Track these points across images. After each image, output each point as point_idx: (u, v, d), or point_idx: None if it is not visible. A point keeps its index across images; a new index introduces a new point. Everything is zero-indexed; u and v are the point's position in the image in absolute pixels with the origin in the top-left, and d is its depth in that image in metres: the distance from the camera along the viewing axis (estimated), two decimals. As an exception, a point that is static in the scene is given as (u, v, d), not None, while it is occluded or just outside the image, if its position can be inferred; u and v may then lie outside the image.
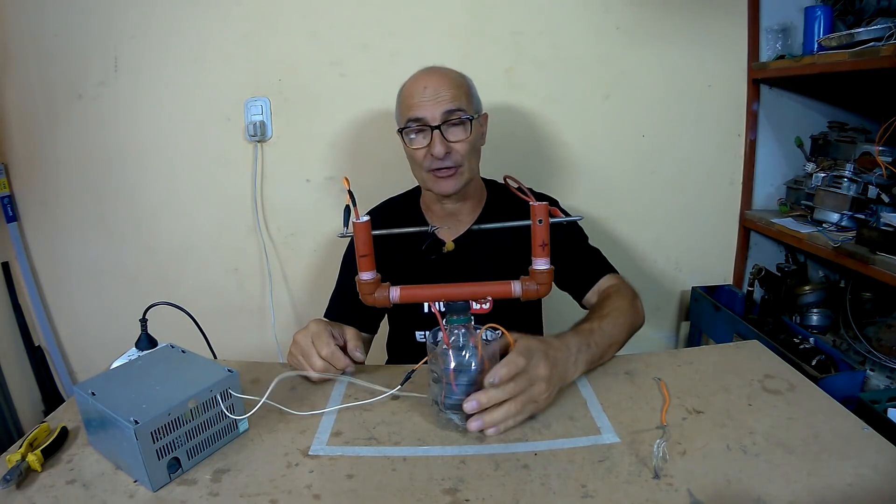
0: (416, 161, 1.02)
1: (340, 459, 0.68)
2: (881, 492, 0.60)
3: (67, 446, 0.71)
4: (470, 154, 1.01)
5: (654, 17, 1.50)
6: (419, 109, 0.99)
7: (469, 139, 1.00)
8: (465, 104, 1.01)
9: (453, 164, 1.00)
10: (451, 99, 0.99)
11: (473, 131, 1.01)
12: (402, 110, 1.03)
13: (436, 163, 0.99)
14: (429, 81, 1.00)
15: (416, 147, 1.01)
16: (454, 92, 1.00)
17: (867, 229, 1.21)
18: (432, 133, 0.98)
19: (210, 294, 1.67)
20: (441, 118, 0.98)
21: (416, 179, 1.10)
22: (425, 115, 0.98)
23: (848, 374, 1.16)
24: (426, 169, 1.01)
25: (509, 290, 0.76)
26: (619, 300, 0.96)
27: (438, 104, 0.98)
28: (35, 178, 1.63)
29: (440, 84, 1.00)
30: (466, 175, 1.02)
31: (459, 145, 0.99)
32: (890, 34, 1.11)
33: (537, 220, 0.74)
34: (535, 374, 0.73)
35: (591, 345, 0.83)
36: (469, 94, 1.04)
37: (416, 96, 1.00)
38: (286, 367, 0.89)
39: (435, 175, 1.01)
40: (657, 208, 1.63)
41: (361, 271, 0.78)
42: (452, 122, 0.99)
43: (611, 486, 0.62)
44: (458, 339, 0.72)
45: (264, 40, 1.52)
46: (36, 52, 1.54)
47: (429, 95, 0.99)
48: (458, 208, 1.10)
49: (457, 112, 0.99)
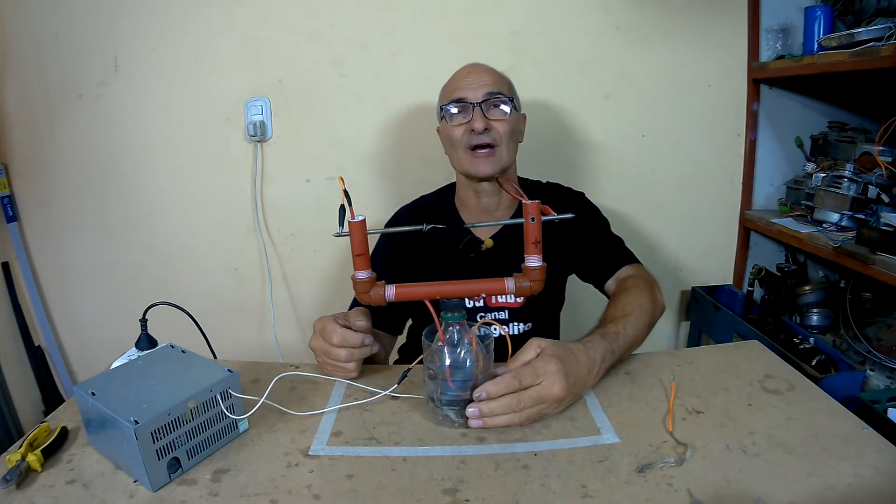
0: (455, 140, 1.01)
1: (340, 459, 0.68)
2: (881, 492, 0.60)
3: (67, 446, 0.71)
4: (508, 137, 1.01)
5: (654, 17, 1.50)
6: (461, 91, 1.01)
7: (508, 120, 1.00)
8: (507, 91, 1.03)
9: (491, 142, 0.99)
10: (492, 83, 1.01)
11: (513, 116, 1.01)
12: (445, 94, 1.05)
13: (474, 138, 0.98)
14: (472, 69, 1.04)
15: (455, 123, 1.01)
16: (497, 78, 1.03)
17: (867, 229, 1.21)
18: (473, 110, 0.99)
19: (210, 294, 1.67)
20: (482, 97, 0.99)
21: (452, 166, 1.07)
22: (467, 95, 1.00)
23: (848, 374, 1.16)
24: (464, 146, 1.00)
25: (503, 287, 0.76)
26: (640, 296, 0.94)
27: (481, 86, 1.00)
28: (35, 178, 1.63)
29: (483, 71, 1.03)
30: (505, 159, 1.01)
31: (499, 124, 0.99)
32: (890, 34, 1.11)
33: (530, 218, 0.74)
34: (549, 394, 0.72)
35: (614, 350, 0.82)
36: (511, 87, 1.06)
37: (459, 80, 1.03)
38: (286, 367, 0.89)
39: (473, 155, 1.00)
40: (657, 208, 1.63)
41: (357, 270, 0.78)
42: (493, 101, 1.00)
43: (611, 486, 0.62)
44: (452, 336, 0.72)
45: (264, 40, 1.52)
46: (36, 52, 1.54)
47: (472, 79, 1.02)
48: (495, 203, 1.08)
49: (498, 94, 1.00)
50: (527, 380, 0.72)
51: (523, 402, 0.71)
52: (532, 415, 0.73)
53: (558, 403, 0.74)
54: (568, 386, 0.73)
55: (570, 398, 0.75)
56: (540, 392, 0.72)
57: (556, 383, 0.72)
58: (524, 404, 0.72)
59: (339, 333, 0.81)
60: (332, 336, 0.81)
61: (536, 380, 0.72)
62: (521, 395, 0.72)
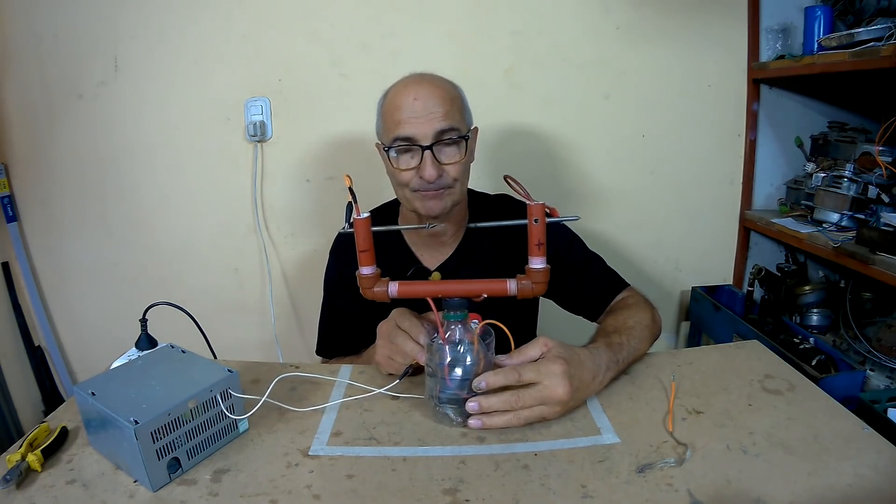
0: (400, 181, 0.92)
1: (340, 459, 0.68)
2: (881, 492, 0.60)
3: (67, 446, 0.71)
4: (462, 174, 0.93)
5: (654, 18, 1.50)
6: (408, 126, 0.88)
7: (463, 160, 0.92)
8: (459, 121, 0.91)
9: (443, 186, 0.91)
10: (443, 116, 0.88)
11: (468, 151, 0.93)
12: (388, 125, 0.91)
13: (424, 185, 0.90)
14: (419, 93, 0.89)
15: (403, 168, 0.91)
16: (447, 108, 0.89)
17: (867, 229, 1.21)
18: (423, 153, 0.88)
19: (210, 294, 1.67)
20: (433, 138, 0.88)
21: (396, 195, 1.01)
22: (415, 134, 0.88)
23: (848, 374, 1.16)
24: (412, 188, 0.92)
25: (504, 288, 0.77)
26: (641, 312, 0.92)
27: (430, 122, 0.88)
28: (35, 178, 1.63)
29: (432, 97, 0.89)
30: (457, 195, 0.94)
31: (452, 167, 0.90)
32: (890, 34, 1.11)
33: (533, 220, 0.75)
34: (551, 396, 0.71)
35: (619, 361, 0.81)
36: (462, 108, 0.94)
37: (404, 110, 0.88)
38: (286, 367, 0.89)
39: (422, 194, 0.92)
40: (657, 208, 1.63)
41: (362, 266, 0.79)
42: (445, 141, 0.89)
43: (611, 486, 0.62)
44: (453, 335, 0.73)
45: (264, 40, 1.52)
46: (36, 52, 1.54)
47: (419, 111, 0.88)
48: (442, 230, 1.01)
49: (450, 131, 0.89)
50: (527, 375, 0.71)
51: (523, 400, 0.70)
52: (531, 416, 0.72)
53: (561, 407, 0.72)
54: (572, 390, 0.72)
55: (572, 403, 0.74)
56: (542, 392, 0.71)
57: (560, 385, 0.71)
58: (523, 402, 0.70)
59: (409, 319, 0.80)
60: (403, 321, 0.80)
61: (539, 377, 0.71)
62: (520, 393, 0.71)
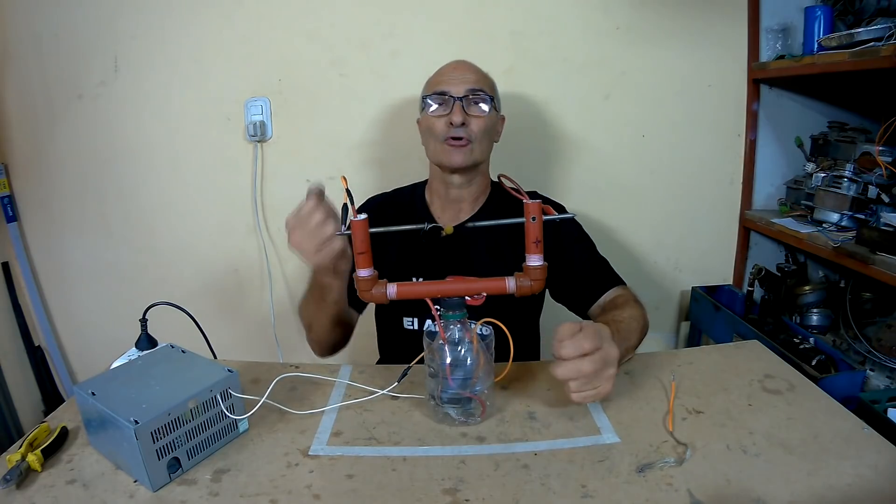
0: (432, 130, 1.04)
1: (340, 459, 0.68)
2: (881, 492, 0.60)
3: (67, 446, 0.71)
4: (484, 134, 1.04)
5: (654, 18, 1.50)
6: (444, 84, 1.04)
7: (487, 118, 1.03)
8: (488, 90, 1.06)
9: (466, 136, 1.02)
10: (475, 80, 1.05)
11: (491, 115, 1.05)
12: (429, 86, 1.08)
13: (451, 131, 1.01)
14: (459, 65, 1.08)
15: (435, 115, 1.04)
16: (480, 76, 1.07)
17: (867, 229, 1.21)
18: (453, 104, 1.02)
19: (210, 294, 1.67)
20: (464, 93, 1.03)
21: (427, 156, 1.09)
22: (450, 89, 1.03)
23: (848, 374, 1.16)
24: (441, 137, 1.03)
25: (503, 286, 0.77)
26: (631, 309, 0.93)
27: (463, 83, 1.04)
28: (35, 178, 1.63)
29: (470, 70, 1.07)
30: (477, 154, 1.04)
31: (477, 120, 1.03)
32: (890, 34, 1.11)
33: (530, 218, 0.75)
34: (611, 354, 0.70)
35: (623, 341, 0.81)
36: (493, 87, 1.10)
37: (444, 75, 1.07)
38: (286, 367, 0.89)
39: (447, 144, 1.03)
40: (657, 208, 1.63)
41: (359, 268, 0.78)
42: (474, 98, 1.03)
43: (611, 485, 0.62)
44: (453, 334, 0.73)
45: (264, 40, 1.51)
46: (36, 52, 1.53)
47: (456, 75, 1.05)
48: (463, 195, 1.10)
49: (479, 91, 1.03)
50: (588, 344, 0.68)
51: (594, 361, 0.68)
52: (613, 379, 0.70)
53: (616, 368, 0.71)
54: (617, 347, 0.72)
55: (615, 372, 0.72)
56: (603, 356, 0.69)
57: (612, 346, 0.71)
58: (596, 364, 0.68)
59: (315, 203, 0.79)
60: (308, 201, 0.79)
61: (599, 342, 0.69)
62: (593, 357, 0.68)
